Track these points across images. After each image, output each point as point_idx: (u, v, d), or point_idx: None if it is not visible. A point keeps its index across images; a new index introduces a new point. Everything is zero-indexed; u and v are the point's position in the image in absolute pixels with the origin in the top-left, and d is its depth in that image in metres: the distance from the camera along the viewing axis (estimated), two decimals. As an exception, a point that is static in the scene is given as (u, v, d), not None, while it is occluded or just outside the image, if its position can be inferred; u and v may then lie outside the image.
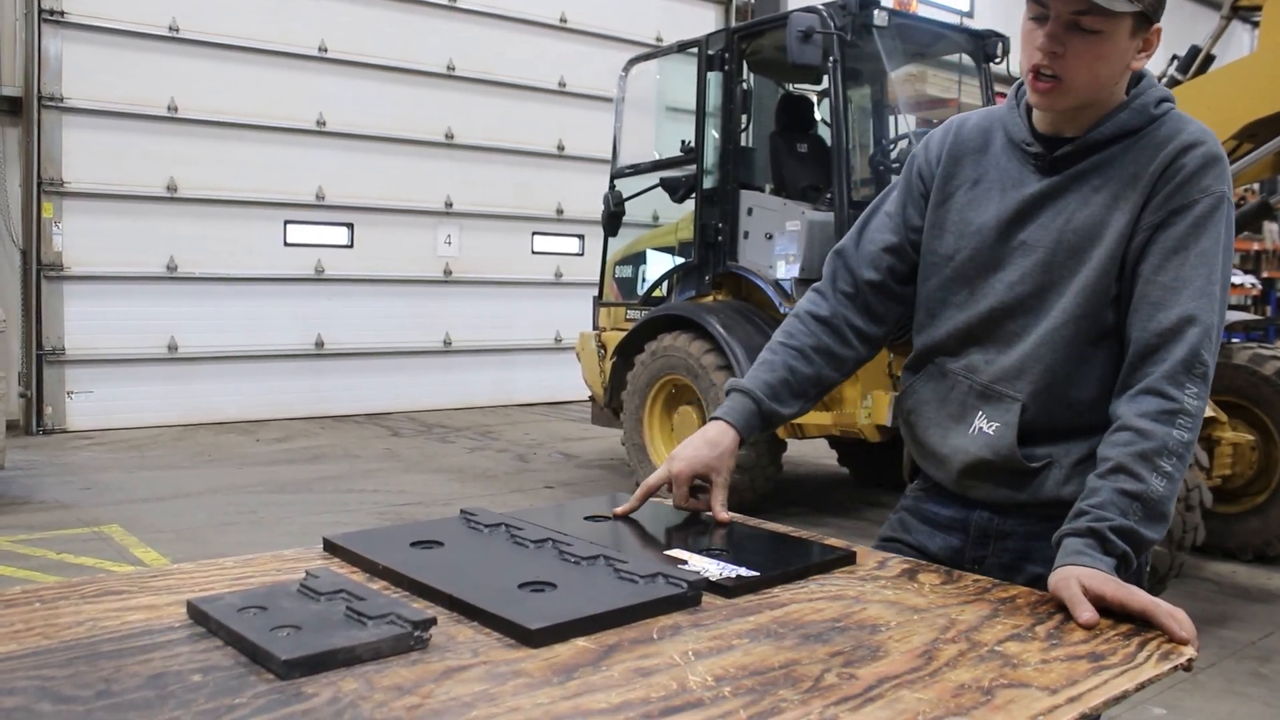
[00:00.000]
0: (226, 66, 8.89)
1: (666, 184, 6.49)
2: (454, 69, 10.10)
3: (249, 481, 6.50)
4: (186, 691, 0.87)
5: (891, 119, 6.36)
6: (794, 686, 0.94)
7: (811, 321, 1.62)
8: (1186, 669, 1.08)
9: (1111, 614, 1.17)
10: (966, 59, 6.22)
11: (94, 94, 8.32)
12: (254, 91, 9.03)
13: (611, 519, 1.52)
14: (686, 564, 1.28)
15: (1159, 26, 1.38)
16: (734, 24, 10.17)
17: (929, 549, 1.56)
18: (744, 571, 1.25)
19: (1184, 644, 1.10)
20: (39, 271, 8.14)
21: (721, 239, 6.03)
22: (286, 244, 9.35)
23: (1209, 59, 5.21)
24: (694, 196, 6.27)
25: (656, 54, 7.24)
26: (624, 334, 6.41)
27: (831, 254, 1.66)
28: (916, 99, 6.28)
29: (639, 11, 11.19)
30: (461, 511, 1.47)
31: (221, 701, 0.85)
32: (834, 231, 5.43)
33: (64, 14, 8.14)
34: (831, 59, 5.40)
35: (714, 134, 6.26)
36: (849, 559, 1.37)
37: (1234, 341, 5.46)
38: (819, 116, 6.43)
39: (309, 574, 1.14)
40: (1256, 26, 4.93)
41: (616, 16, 11.03)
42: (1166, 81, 5.06)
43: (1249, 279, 13.97)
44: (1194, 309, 1.34)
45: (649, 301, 6.69)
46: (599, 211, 7.09)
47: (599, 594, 1.12)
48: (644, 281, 6.80)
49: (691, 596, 1.15)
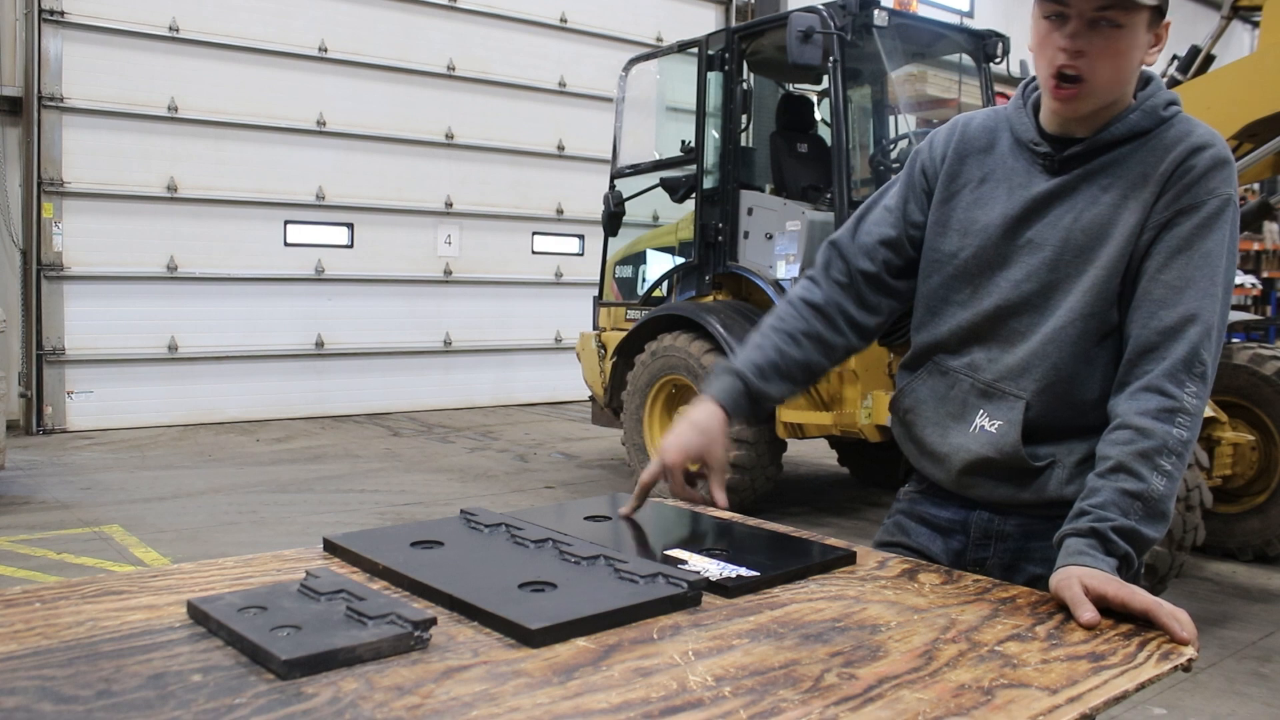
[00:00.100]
0: (226, 66, 8.88)
1: (666, 184, 6.48)
2: (454, 69, 10.11)
3: (249, 481, 6.49)
4: (187, 691, 0.87)
5: (891, 119, 6.36)
6: (794, 686, 0.94)
7: (804, 307, 1.60)
8: (1186, 669, 1.08)
9: (1113, 614, 1.17)
10: (967, 59, 6.22)
11: (94, 94, 8.33)
12: (254, 91, 9.03)
13: (612, 519, 1.51)
14: (686, 564, 1.28)
15: (1169, 21, 1.39)
16: (734, 24, 10.16)
17: (931, 552, 1.55)
18: (744, 571, 1.25)
19: (1185, 644, 1.10)
20: (39, 271, 8.14)
21: (722, 239, 6.03)
22: (286, 244, 9.35)
23: (1209, 59, 5.20)
24: (694, 196, 6.27)
25: (656, 54, 7.23)
26: (624, 334, 6.40)
27: (826, 244, 1.64)
28: (916, 99, 6.28)
29: (639, 11, 11.19)
30: (462, 511, 1.47)
31: (221, 701, 0.85)
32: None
33: (64, 14, 8.14)
34: (831, 59, 5.40)
35: (714, 134, 6.25)
36: (849, 559, 1.37)
37: (1234, 341, 5.46)
38: (819, 116, 6.43)
39: (309, 574, 1.14)
40: (1256, 26, 4.92)
41: (616, 16, 11.03)
42: (1167, 81, 5.06)
43: (1249, 279, 13.99)
44: (1196, 308, 1.34)
45: (649, 301, 6.68)
46: (599, 211, 7.09)
47: (599, 594, 1.12)
48: (644, 281, 6.80)
49: (691, 596, 1.15)
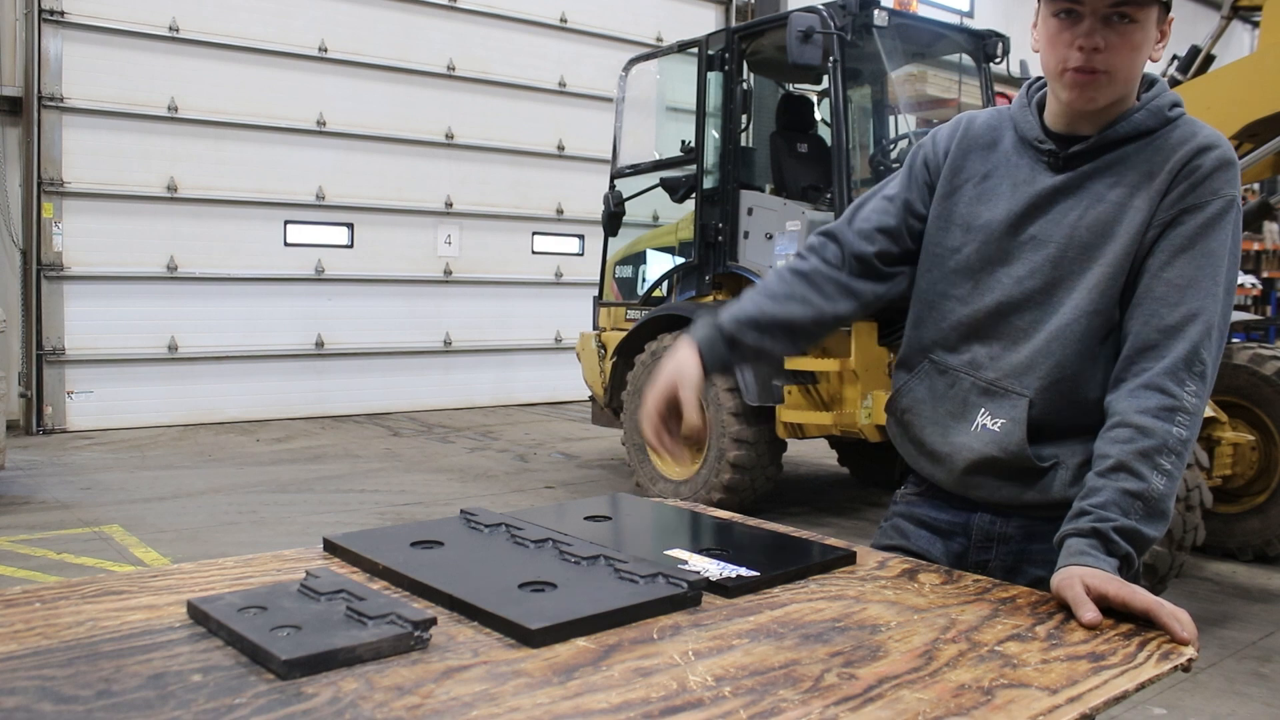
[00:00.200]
0: (226, 66, 8.88)
1: (666, 184, 6.48)
2: (454, 69, 10.10)
3: (249, 481, 6.49)
4: (187, 691, 0.87)
5: (891, 119, 6.36)
6: (794, 686, 0.94)
7: (789, 274, 1.57)
8: (1186, 669, 1.08)
9: (1114, 613, 1.17)
10: (966, 59, 6.22)
11: (94, 94, 8.33)
12: (254, 91, 9.03)
13: (612, 519, 1.51)
14: (686, 564, 1.28)
15: (1172, 17, 1.39)
16: (734, 24, 10.17)
17: (931, 555, 1.53)
18: (744, 571, 1.25)
19: (1185, 644, 1.10)
20: (39, 271, 8.14)
21: (722, 239, 6.03)
22: (286, 244, 9.35)
23: (1209, 59, 5.21)
24: (694, 196, 6.27)
25: (657, 54, 7.24)
26: (624, 334, 6.40)
27: (818, 231, 1.62)
28: (916, 99, 6.28)
29: (639, 11, 11.19)
30: (462, 511, 1.47)
31: (221, 701, 0.85)
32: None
33: (64, 14, 8.14)
34: (831, 59, 5.40)
35: (714, 134, 6.25)
36: (849, 559, 1.37)
37: (1234, 341, 5.47)
38: (819, 116, 6.43)
39: (309, 574, 1.14)
40: (1256, 26, 4.93)
41: (616, 16, 11.03)
42: (1167, 81, 5.05)
43: (1249, 279, 14.00)
44: (1198, 307, 1.33)
45: (649, 301, 6.68)
46: (599, 211, 7.09)
47: (599, 594, 1.12)
48: (644, 281, 6.80)
49: (691, 596, 1.15)
